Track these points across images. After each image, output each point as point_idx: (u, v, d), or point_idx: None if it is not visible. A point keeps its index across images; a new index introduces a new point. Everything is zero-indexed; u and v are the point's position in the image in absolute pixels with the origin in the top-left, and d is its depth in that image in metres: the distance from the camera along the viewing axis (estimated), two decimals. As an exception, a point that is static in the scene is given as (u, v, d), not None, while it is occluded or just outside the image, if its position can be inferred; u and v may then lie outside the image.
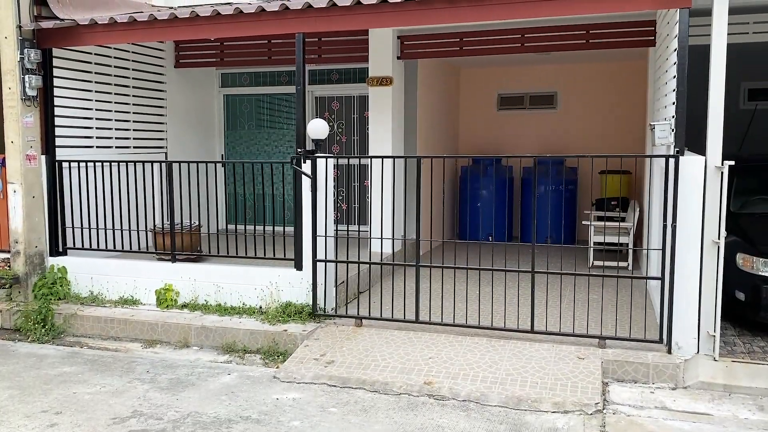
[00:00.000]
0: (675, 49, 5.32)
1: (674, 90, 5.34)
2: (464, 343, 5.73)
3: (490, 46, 8.25)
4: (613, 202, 9.20)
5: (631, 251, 8.51)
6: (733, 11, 5.27)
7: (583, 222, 8.94)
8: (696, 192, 5.21)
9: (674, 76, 5.34)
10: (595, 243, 8.41)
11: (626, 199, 9.47)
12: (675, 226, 5.26)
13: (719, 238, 5.20)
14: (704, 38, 5.42)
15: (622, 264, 8.34)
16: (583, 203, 10.51)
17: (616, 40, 7.67)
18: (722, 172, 5.17)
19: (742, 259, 5.99)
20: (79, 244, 7.61)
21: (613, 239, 8.34)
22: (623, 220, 9.02)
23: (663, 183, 5.47)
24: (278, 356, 5.95)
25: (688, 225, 5.24)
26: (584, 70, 10.95)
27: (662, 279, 5.42)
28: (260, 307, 6.74)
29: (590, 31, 7.72)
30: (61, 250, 7.60)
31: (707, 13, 5.31)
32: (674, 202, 5.25)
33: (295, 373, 5.40)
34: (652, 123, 5.89)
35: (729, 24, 5.19)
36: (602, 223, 8.40)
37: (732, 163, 5.13)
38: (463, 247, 7.29)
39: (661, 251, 5.43)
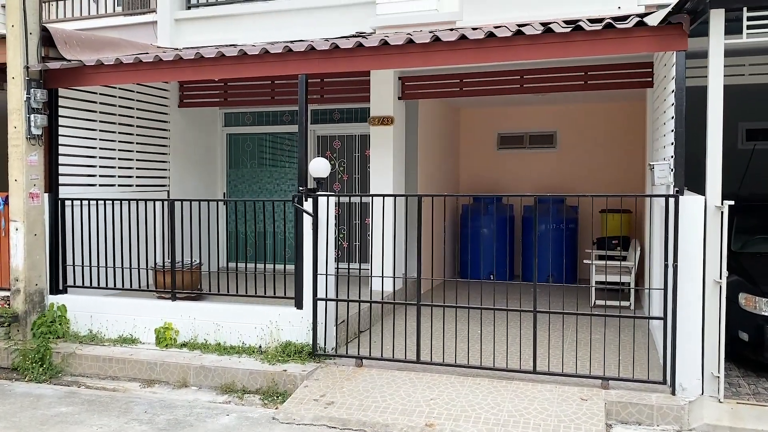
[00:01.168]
0: (672, 91, 5.40)
1: (672, 131, 5.40)
2: (466, 383, 5.67)
3: (490, 87, 8.36)
4: (614, 241, 9.20)
5: (633, 290, 8.48)
6: (728, 54, 5.36)
7: (585, 261, 8.93)
8: (696, 231, 5.22)
9: (672, 117, 5.40)
10: (596, 282, 8.38)
11: (627, 238, 9.47)
12: (676, 266, 5.25)
13: (721, 278, 5.18)
14: (701, 80, 5.50)
15: (624, 303, 8.30)
16: (584, 242, 10.51)
17: (614, 81, 7.79)
18: (722, 212, 5.19)
19: (744, 299, 5.96)
20: (79, 282, 7.60)
21: (615, 278, 8.31)
22: (624, 259, 9.00)
23: (663, 222, 5.49)
24: (278, 397, 5.88)
25: (689, 264, 5.24)
26: (583, 110, 11.08)
27: (664, 319, 5.39)
28: (260, 347, 6.68)
29: (588, 73, 7.84)
30: (61, 288, 7.58)
31: (703, 55, 5.40)
32: (675, 241, 5.25)
33: (294, 414, 5.33)
34: (651, 163, 5.94)
35: (725, 66, 5.28)
36: (603, 262, 8.39)
37: (732, 202, 5.15)
38: (465, 285, 7.27)
39: (662, 291, 5.41)
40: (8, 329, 7.23)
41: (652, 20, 5.46)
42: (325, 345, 6.45)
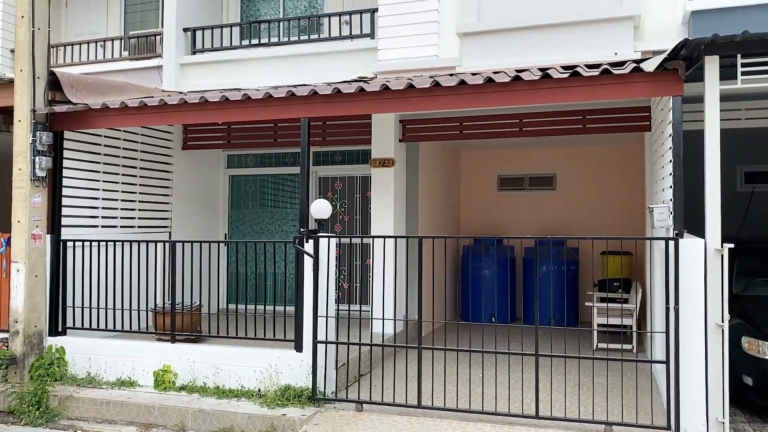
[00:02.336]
0: (670, 135, 5.47)
1: (671, 174, 5.45)
2: (468, 429, 5.59)
3: (490, 130, 8.47)
4: (615, 283, 9.18)
5: (635, 333, 8.42)
6: (724, 98, 5.45)
7: (586, 303, 8.90)
8: (697, 274, 5.22)
9: (670, 161, 5.46)
10: (598, 325, 8.34)
11: (628, 280, 9.45)
12: (678, 309, 5.24)
13: (723, 322, 5.16)
14: (699, 123, 5.58)
15: (626, 346, 8.24)
16: (585, 284, 10.48)
17: (613, 125, 7.88)
18: (722, 255, 5.20)
19: (747, 343, 5.92)
20: (79, 323, 7.56)
21: (617, 321, 8.27)
22: (626, 301, 8.97)
23: (664, 265, 5.49)
24: (276, 442, 5.79)
25: (690, 307, 5.22)
26: (582, 153, 11.18)
27: (667, 363, 5.34)
28: (259, 390, 6.61)
29: (587, 117, 7.94)
30: (60, 329, 7.54)
31: (700, 99, 5.49)
32: (676, 284, 5.25)
33: (293, 460, 5.24)
34: (650, 206, 5.98)
35: (721, 110, 5.37)
36: (605, 305, 8.35)
37: (732, 245, 5.17)
38: (466, 328, 7.22)
39: (664, 334, 5.38)
40: (5, 372, 7.17)
41: (649, 66, 5.57)
42: (324, 389, 6.38)
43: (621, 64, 6.05)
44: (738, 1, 7.01)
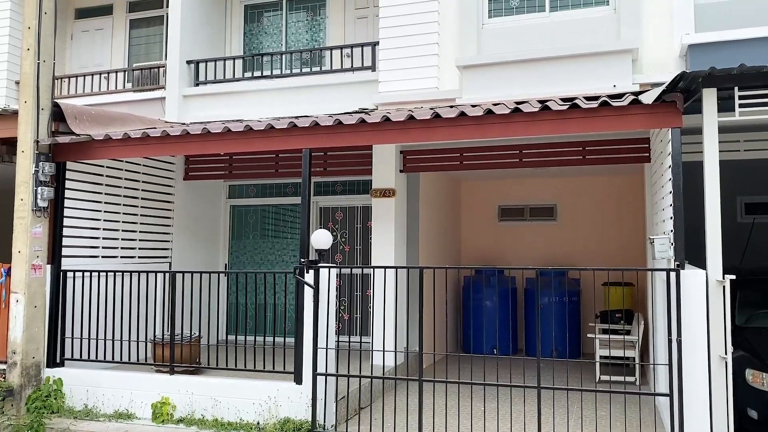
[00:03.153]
0: (669, 166, 5.49)
1: (671, 205, 5.46)
2: (469, 463, 5.50)
3: (490, 161, 8.50)
4: (617, 315, 9.12)
5: (638, 366, 8.34)
6: (723, 130, 5.49)
7: (588, 335, 8.83)
8: (699, 306, 5.20)
9: (670, 192, 5.48)
10: (601, 357, 8.26)
11: (630, 312, 9.40)
12: (680, 341, 5.20)
13: (726, 354, 5.12)
14: (698, 155, 5.61)
15: (629, 379, 8.15)
16: (587, 315, 10.41)
17: (612, 156, 7.91)
18: (724, 286, 5.19)
19: (751, 375, 5.86)
20: (77, 355, 7.51)
21: (619, 353, 8.20)
22: (628, 332, 8.91)
23: (665, 296, 5.47)
24: (275, 476, 5.70)
25: (693, 339, 5.18)
26: (583, 184, 11.21)
27: (671, 395, 5.28)
28: (258, 423, 6.53)
29: (586, 148, 7.98)
30: (58, 361, 7.49)
31: (698, 131, 5.53)
32: (678, 316, 5.22)
33: (292, 495, 5.15)
34: (651, 237, 5.98)
35: (720, 142, 5.40)
36: (607, 336, 8.29)
37: (733, 277, 5.16)
38: (467, 359, 7.16)
39: (668, 366, 5.33)
40: (2, 404, 7.09)
41: (647, 98, 5.62)
42: (324, 422, 6.30)
43: (620, 96, 6.10)
44: (734, 35, 7.11)
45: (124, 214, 8.62)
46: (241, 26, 11.40)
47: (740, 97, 5.44)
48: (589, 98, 6.20)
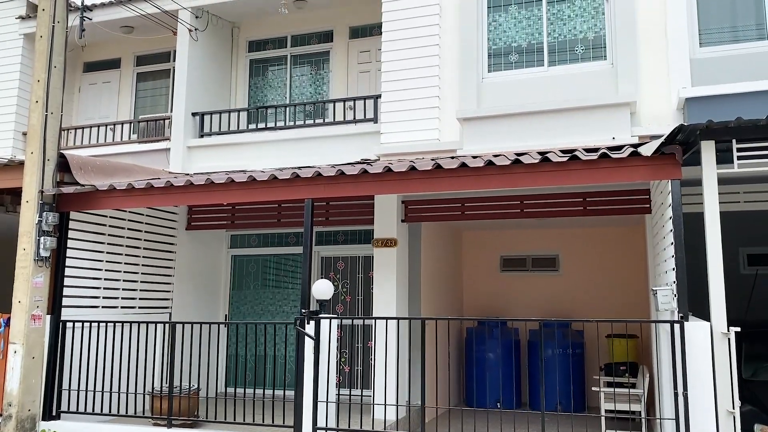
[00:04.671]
0: (670, 217, 5.51)
1: (673, 256, 5.45)
2: None
3: (491, 211, 8.52)
4: (621, 367, 8.98)
5: (644, 420, 8.16)
6: (722, 181, 5.53)
7: (593, 388, 8.68)
8: (704, 359, 5.13)
9: (672, 243, 5.48)
10: (606, 410, 8.10)
11: (635, 364, 9.25)
12: (686, 395, 5.11)
13: (734, 408, 5.03)
14: (698, 206, 5.63)
15: (636, 433, 7.97)
16: (591, 367, 10.26)
17: (613, 207, 7.94)
18: (729, 339, 5.13)
19: (760, 430, 5.74)
20: (74, 407, 7.39)
21: (625, 407, 8.03)
22: (633, 386, 8.75)
23: (670, 348, 5.40)
24: None
25: (700, 393, 5.10)
26: (584, 234, 11.20)
27: (679, 452, 5.17)
28: (256, 479, 6.38)
29: (587, 199, 8.02)
30: (54, 413, 7.36)
31: (698, 183, 5.56)
32: (683, 369, 5.15)
33: None
34: (654, 288, 5.95)
35: (720, 193, 5.43)
36: (612, 390, 8.14)
37: (738, 329, 5.11)
38: (471, 413, 7.03)
39: (674, 421, 5.23)
40: (-5, 458, 6.95)
41: (646, 150, 5.68)
42: (324, 478, 6.15)
43: (619, 148, 6.17)
44: (731, 88, 7.24)
45: (125, 263, 8.62)
46: (246, 79, 11.65)
47: (738, 150, 5.50)
48: (588, 150, 6.27)
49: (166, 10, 10.62)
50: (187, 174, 9.12)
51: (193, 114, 10.62)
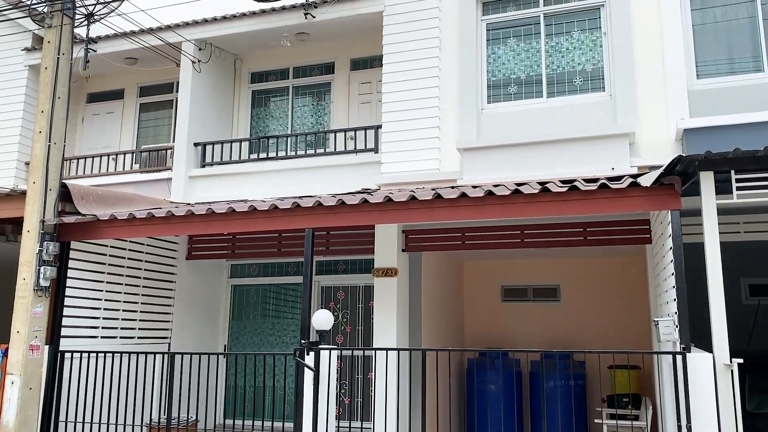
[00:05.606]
0: (670, 248, 5.51)
1: (674, 287, 5.43)
2: None
3: (491, 241, 8.51)
4: (624, 399, 8.88)
5: (648, 452, 8.05)
6: (722, 212, 5.54)
7: (595, 420, 8.59)
8: (708, 391, 5.08)
9: (673, 273, 5.46)
10: (609, 443, 8.00)
11: (638, 396, 9.16)
12: (690, 427, 5.05)
13: (739, 442, 4.97)
14: (699, 236, 5.63)
15: (640, 467, 7.86)
16: (593, 398, 10.15)
17: (613, 237, 7.93)
18: (732, 370, 5.09)
19: (766, 464, 5.66)
20: (69, 439, 7.31)
21: (629, 439, 7.94)
22: (636, 418, 8.65)
23: (673, 380, 5.35)
24: None
25: (704, 426, 5.03)
26: (585, 264, 11.19)
27: (684, 486, 5.09)
28: None
29: (587, 229, 8.01)
30: (50, 445, 7.28)
31: (698, 213, 5.57)
32: (686, 401, 5.10)
33: None
34: (655, 318, 5.92)
35: (720, 224, 5.43)
36: (615, 422, 8.06)
37: (741, 360, 5.06)
38: (471, 446, 6.94)
39: (679, 455, 5.16)
40: (-11, 491, 6.85)
41: (646, 181, 5.70)
42: None
43: (618, 178, 6.20)
44: (729, 119, 7.31)
45: (125, 293, 8.59)
46: (248, 110, 11.76)
47: (737, 180, 5.52)
48: (588, 180, 6.30)
49: (169, 42, 10.77)
50: (189, 203, 9.15)
51: (195, 144, 10.70)
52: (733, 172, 5.52)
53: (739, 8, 7.89)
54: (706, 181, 5.50)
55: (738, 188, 5.50)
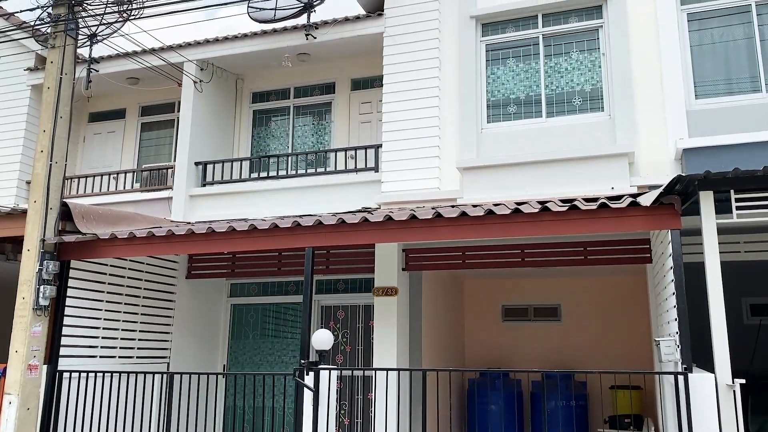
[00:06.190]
0: (671, 267, 5.50)
1: (675, 306, 5.42)
2: None
3: (492, 260, 8.50)
4: (626, 420, 8.81)
5: (651, 474, 7.98)
6: (723, 231, 5.54)
7: (598, 441, 8.52)
8: (710, 412, 5.04)
9: (673, 293, 5.45)
10: (612, 465, 7.92)
11: (640, 417, 9.09)
12: (693, 449, 5.01)
13: (742, 463, 4.92)
14: (699, 255, 5.63)
15: (643, 489, 7.77)
16: (595, 419, 10.07)
17: (613, 257, 7.91)
18: (734, 391, 5.05)
19: (770, 487, 5.60)
20: (66, 461, 7.24)
21: (631, 461, 7.87)
22: (639, 439, 8.58)
23: (675, 401, 5.32)
24: None
25: (707, 448, 4.99)
26: (586, 284, 11.16)
27: None
28: None
29: (588, 248, 8.00)
30: (47, 467, 7.21)
31: (698, 232, 5.58)
32: (689, 422, 5.06)
33: None
34: (656, 338, 5.90)
35: (721, 243, 5.44)
36: (618, 443, 7.99)
37: (743, 381, 5.03)
38: (472, 468, 6.87)
39: (682, 477, 5.11)
40: None
41: (645, 200, 5.71)
42: None
43: (618, 198, 6.21)
44: (728, 139, 7.34)
45: (124, 312, 8.56)
46: (249, 129, 11.81)
47: (737, 200, 5.53)
48: (588, 200, 6.31)
49: (172, 62, 10.86)
50: (189, 222, 9.15)
51: (196, 163, 10.73)
52: (732, 191, 5.53)
53: (736, 29, 7.97)
54: (706, 200, 5.51)
55: (738, 208, 5.51)
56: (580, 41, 8.70)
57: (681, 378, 5.20)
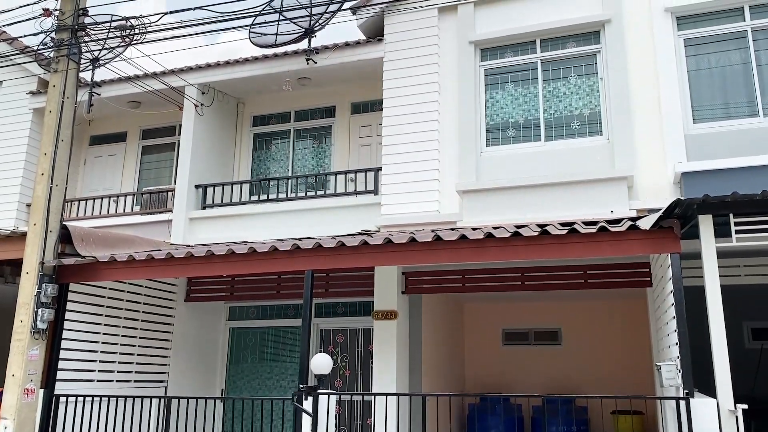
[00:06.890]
0: (671, 291, 5.48)
1: (675, 330, 5.39)
2: None
3: (492, 284, 8.47)
4: (629, 446, 8.73)
5: (654, 501, 7.87)
6: (723, 255, 5.54)
7: (600, 467, 8.41)
8: (713, 438, 5.00)
9: (674, 317, 5.43)
10: (614, 491, 7.82)
11: (642, 442, 9.00)
12: (697, 476, 4.95)
13: (746, 490, 4.86)
14: (700, 279, 5.62)
15: None
16: (598, 445, 9.97)
17: (613, 280, 7.89)
18: (737, 416, 5.01)
19: None
20: (62, 487, 7.14)
21: (634, 487, 7.76)
22: (642, 465, 8.48)
23: (677, 426, 5.26)
24: None
25: (710, 475, 4.93)
26: (586, 308, 11.12)
27: None
28: None
29: (587, 272, 7.98)
30: (41, 493, 7.11)
31: (698, 256, 5.57)
32: (692, 448, 5.00)
33: None
34: (658, 363, 5.86)
35: (721, 267, 5.43)
36: (620, 469, 7.89)
37: (746, 406, 4.99)
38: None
39: (685, 504, 5.04)
40: None
41: (645, 224, 5.71)
42: None
43: (617, 221, 6.21)
44: (726, 163, 7.37)
45: (123, 336, 8.52)
46: (249, 152, 11.86)
47: (736, 224, 5.53)
48: (587, 223, 6.31)
49: (173, 86, 10.94)
50: (189, 245, 9.15)
51: (196, 186, 10.76)
52: (731, 215, 5.54)
53: (733, 54, 8.05)
54: (705, 224, 5.52)
55: (737, 231, 5.51)
56: (578, 66, 8.78)
57: (683, 403, 5.16)
